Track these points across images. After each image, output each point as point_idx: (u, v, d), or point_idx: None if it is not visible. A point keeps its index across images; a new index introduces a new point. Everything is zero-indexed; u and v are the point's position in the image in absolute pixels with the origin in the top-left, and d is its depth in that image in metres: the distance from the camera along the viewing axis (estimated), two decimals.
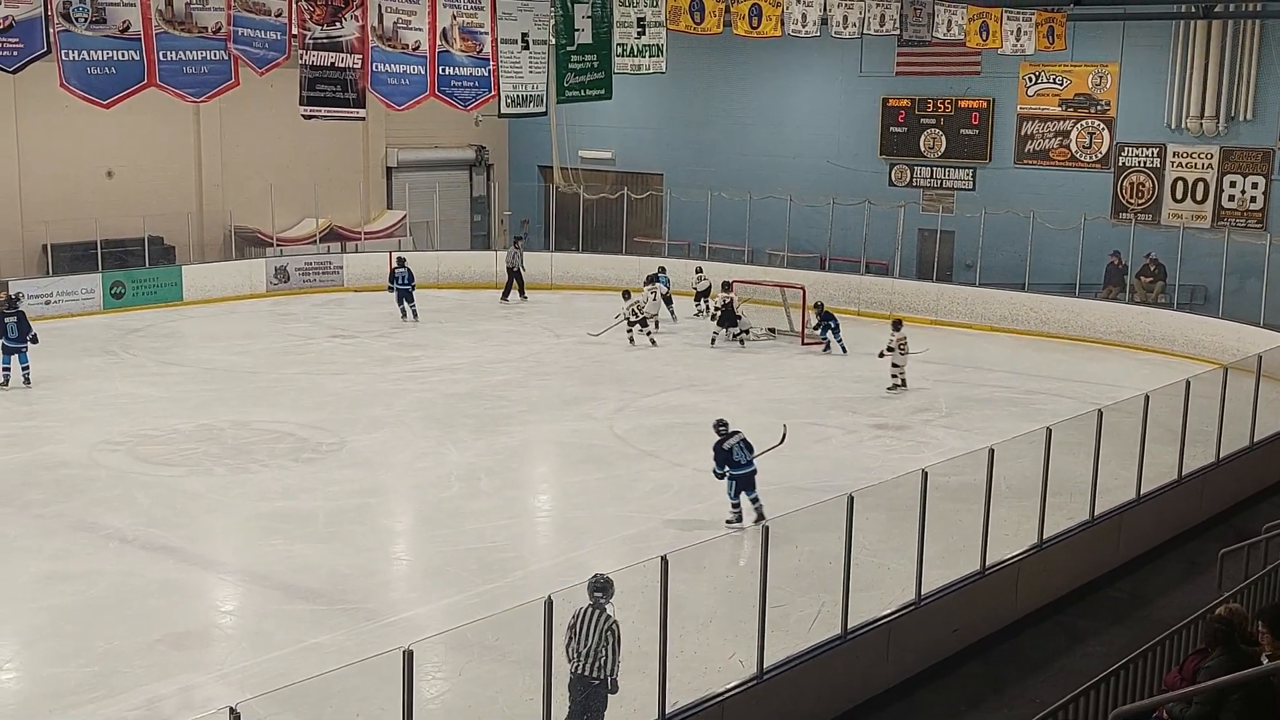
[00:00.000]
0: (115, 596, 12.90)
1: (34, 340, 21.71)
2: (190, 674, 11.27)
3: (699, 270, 29.92)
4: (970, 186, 31.66)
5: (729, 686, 9.94)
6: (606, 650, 9.23)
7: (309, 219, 33.06)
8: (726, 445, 15.14)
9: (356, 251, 32.71)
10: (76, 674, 11.20)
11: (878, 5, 23.86)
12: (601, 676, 9.26)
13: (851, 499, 10.74)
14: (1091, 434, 13.74)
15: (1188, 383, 15.35)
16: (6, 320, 21.38)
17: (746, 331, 25.89)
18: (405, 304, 27.91)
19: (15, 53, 13.71)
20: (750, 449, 15.21)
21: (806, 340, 26.00)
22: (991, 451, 12.31)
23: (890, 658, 11.28)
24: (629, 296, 26.16)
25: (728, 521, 15.20)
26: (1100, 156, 29.78)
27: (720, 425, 15.33)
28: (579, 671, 9.26)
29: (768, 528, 10.03)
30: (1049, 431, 13.05)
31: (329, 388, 21.74)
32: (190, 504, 15.78)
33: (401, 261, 28.49)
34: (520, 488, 17.43)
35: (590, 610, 9.31)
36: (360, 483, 16.67)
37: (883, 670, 11.21)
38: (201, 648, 11.93)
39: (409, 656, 7.59)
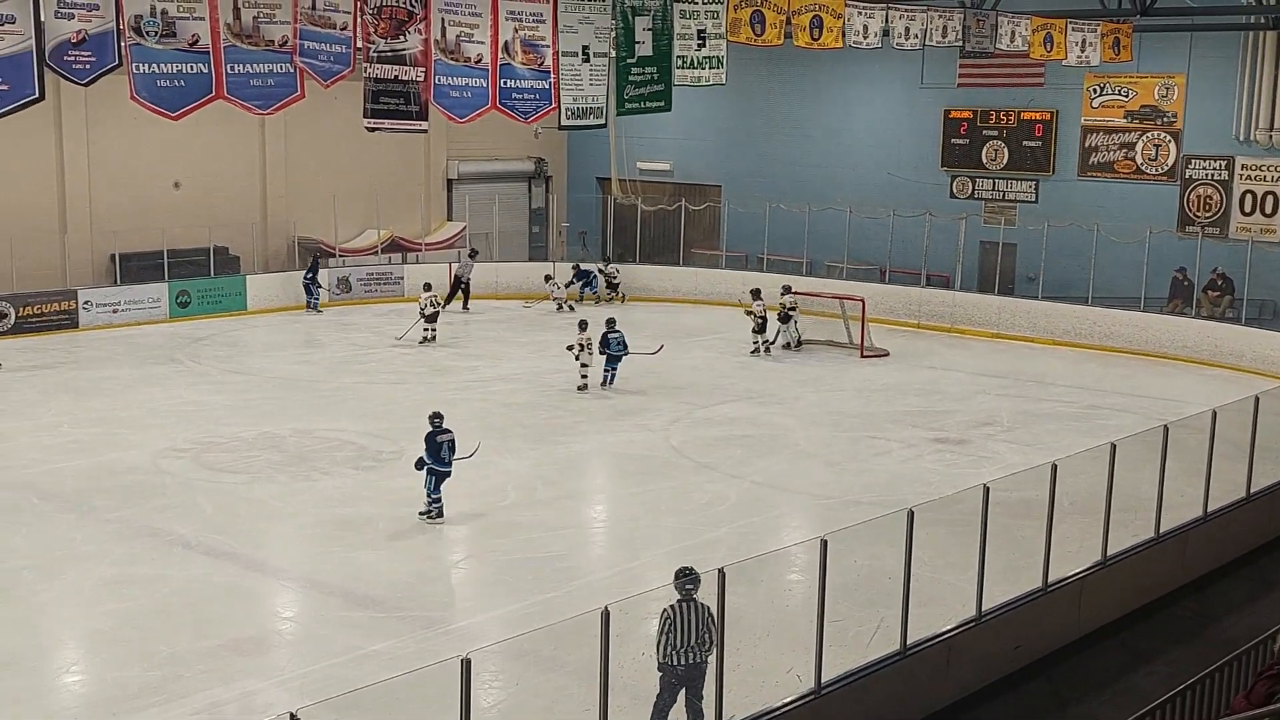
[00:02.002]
0: (179, 601, 13.04)
1: None
2: (251, 679, 11.37)
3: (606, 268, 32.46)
4: (1033, 199, 31.39)
5: (786, 701, 9.89)
6: (709, 636, 9.45)
7: (370, 230, 33.34)
8: (439, 439, 15.41)
9: (417, 262, 32.93)
10: (140, 678, 11.33)
11: (940, 16, 23.76)
12: (706, 658, 9.48)
13: (911, 514, 10.66)
14: (1156, 450, 13.55)
15: (1257, 398, 15.11)
16: None
17: (765, 340, 25.92)
18: (313, 296, 30.02)
19: (88, 65, 13.96)
20: (454, 451, 15.46)
21: (865, 353, 25.86)
22: (1054, 467, 12.18)
23: (950, 674, 11.17)
24: (430, 288, 27.04)
25: (421, 513, 15.48)
26: (1167, 169, 29.43)
27: (435, 418, 15.62)
28: (689, 662, 9.45)
29: (826, 541, 9.96)
30: (1113, 447, 12.88)
31: (389, 397, 21.89)
32: (252, 511, 15.94)
33: (316, 258, 30.79)
34: (576, 498, 17.46)
35: (684, 605, 9.47)
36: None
37: (942, 687, 11.10)
38: (262, 653, 12.03)
39: (466, 665, 7.62)
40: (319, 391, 22.36)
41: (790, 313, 26.48)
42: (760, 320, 25.90)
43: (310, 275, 30.08)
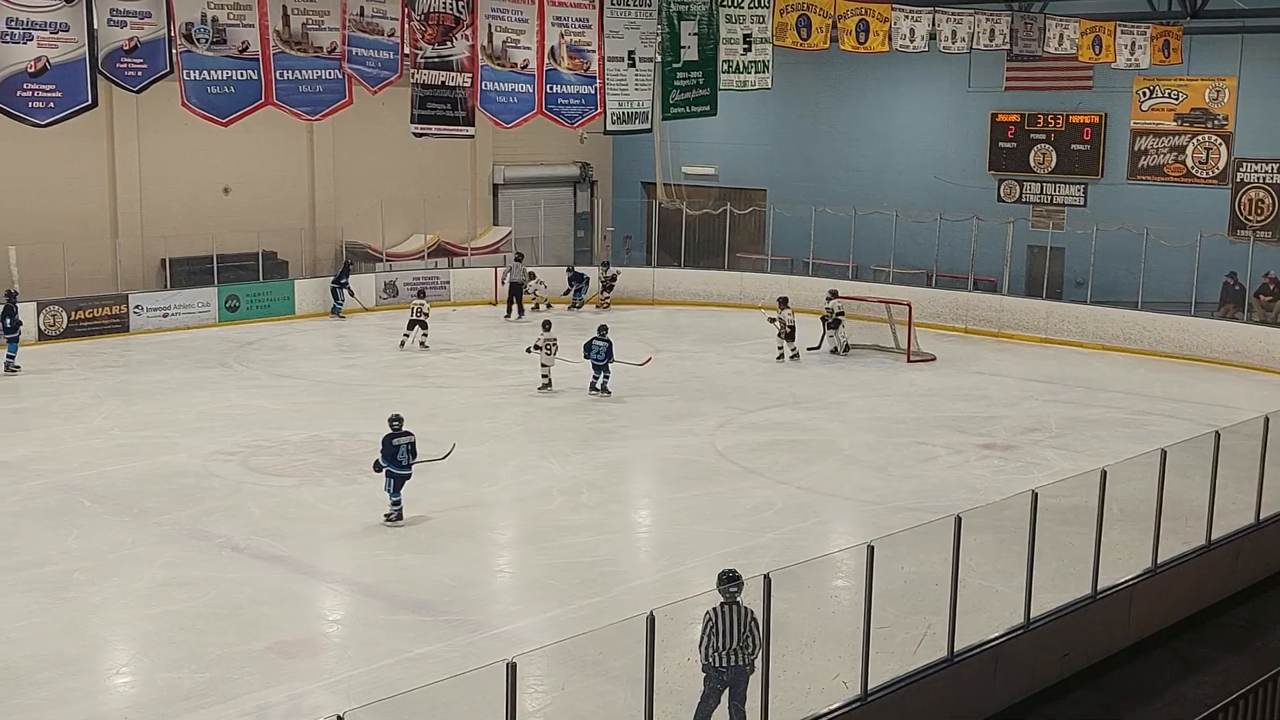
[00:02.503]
0: (227, 604, 13.15)
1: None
2: (298, 682, 11.44)
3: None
4: (1081, 203, 31.15)
5: (832, 707, 9.85)
6: (752, 638, 9.48)
7: (417, 235, 33.54)
8: (396, 442, 15.41)
9: (463, 267, 33.11)
10: (189, 680, 11.43)
11: (987, 20, 23.64)
12: (750, 660, 9.52)
13: (959, 520, 10.60)
14: (1208, 456, 13.41)
15: None
16: None
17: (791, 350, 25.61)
18: (339, 301, 30.16)
19: (140, 73, 14.15)
20: (414, 454, 15.52)
21: (912, 358, 25.74)
22: (1104, 473, 12.07)
23: (997, 682, 11.10)
24: (423, 295, 27.17)
25: (386, 516, 15.47)
26: (1217, 172, 29.12)
27: (394, 420, 15.65)
28: (732, 664, 9.49)
29: (873, 547, 9.92)
30: (1163, 453, 12.75)
31: (435, 401, 21.99)
32: (301, 514, 16.05)
33: (348, 264, 31.12)
34: (622, 503, 17.47)
35: (727, 607, 9.50)
36: (464, 495, 16.83)
37: (990, 694, 11.03)
38: (309, 656, 12.11)
39: (512, 669, 7.64)
40: (366, 395, 22.50)
41: (839, 318, 26.33)
42: (789, 329, 25.52)
43: (341, 280, 30.13)
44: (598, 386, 22.34)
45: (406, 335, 26.48)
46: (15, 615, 12.74)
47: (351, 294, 30.06)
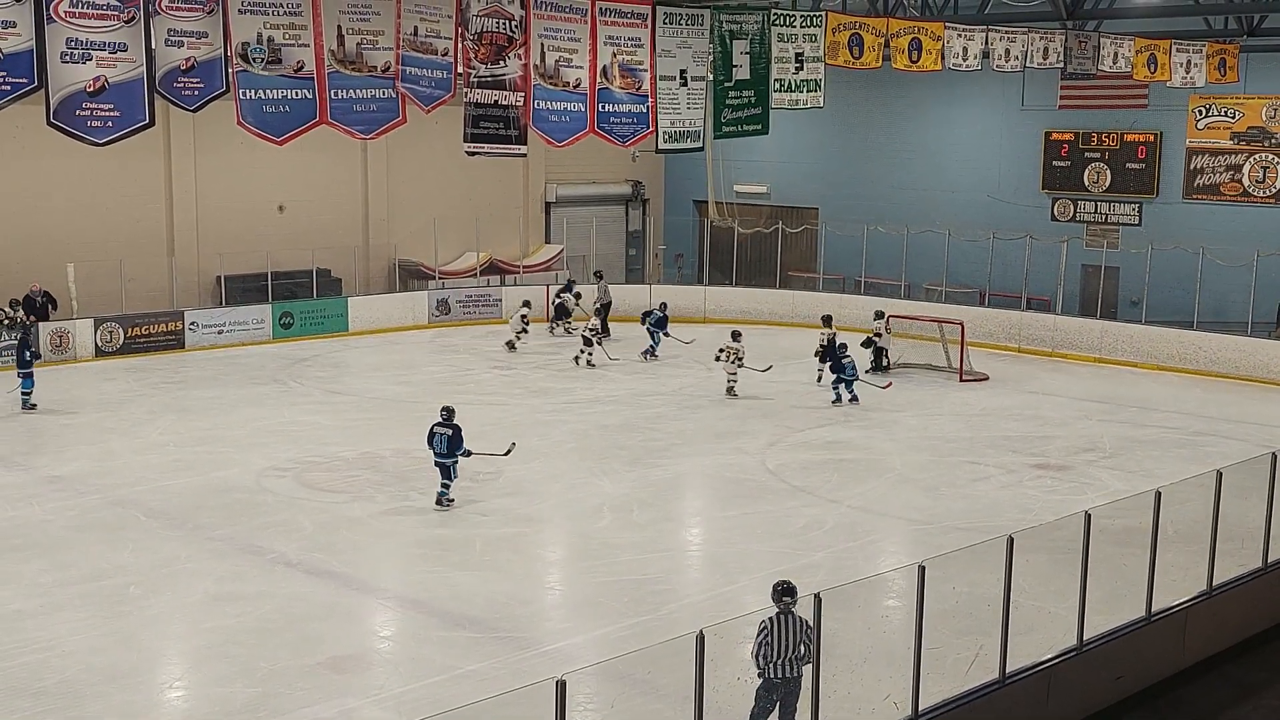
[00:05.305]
0: (280, 619, 13.25)
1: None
2: (349, 697, 11.50)
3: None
4: (1136, 222, 30.88)
5: None
6: (806, 649, 9.49)
7: (470, 252, 33.74)
8: (432, 430, 16.75)
9: (515, 284, 33.25)
10: (242, 694, 11.52)
11: (1041, 38, 23.53)
12: (802, 671, 9.53)
13: (1011, 540, 10.52)
14: (1264, 478, 13.23)
15: None
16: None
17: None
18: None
19: (196, 92, 14.34)
20: (452, 445, 16.58)
21: (965, 377, 25.57)
22: (1158, 494, 11.93)
23: (1050, 704, 10.99)
24: (600, 314, 28.37)
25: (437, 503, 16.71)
26: (1275, 191, 28.78)
27: (442, 410, 16.89)
28: (784, 675, 9.51)
29: (924, 567, 9.86)
30: (1219, 475, 12.61)
31: (487, 418, 22.04)
32: (353, 530, 16.15)
33: (571, 281, 31.49)
34: (672, 521, 17.45)
35: (782, 617, 9.52)
36: (516, 512, 16.89)
37: (1042, 717, 10.92)
38: (361, 672, 12.17)
39: (562, 687, 7.65)
40: (418, 412, 22.49)
41: (874, 338, 26.03)
42: (822, 348, 24.83)
43: (571, 291, 30.60)
44: (844, 399, 23.15)
45: (582, 353, 26.62)
46: (72, 628, 12.90)
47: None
